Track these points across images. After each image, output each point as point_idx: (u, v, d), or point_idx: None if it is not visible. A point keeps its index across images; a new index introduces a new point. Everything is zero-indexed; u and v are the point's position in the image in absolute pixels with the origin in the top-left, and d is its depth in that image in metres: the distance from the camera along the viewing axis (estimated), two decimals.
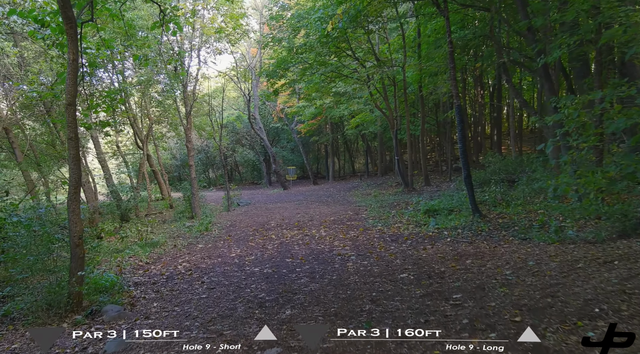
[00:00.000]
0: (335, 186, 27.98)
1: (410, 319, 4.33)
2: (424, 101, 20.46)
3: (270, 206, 18.34)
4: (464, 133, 9.58)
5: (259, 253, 8.62)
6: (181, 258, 8.71)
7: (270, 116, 34.45)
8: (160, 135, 24.53)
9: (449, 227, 9.24)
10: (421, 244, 8.13)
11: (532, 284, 4.87)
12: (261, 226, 12.53)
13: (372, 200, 16.77)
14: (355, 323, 4.38)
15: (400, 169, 19.07)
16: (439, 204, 11.75)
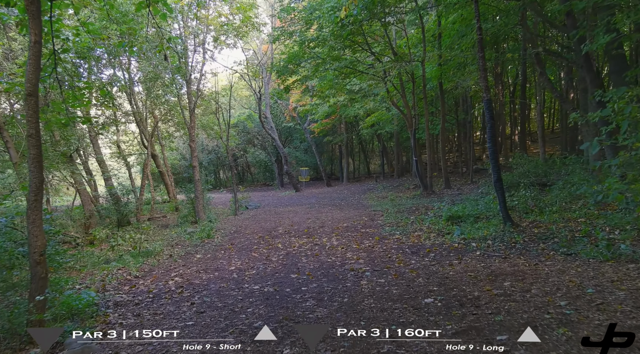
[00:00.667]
0: (350, 188, 27.00)
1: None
2: (444, 99, 19.37)
3: (280, 210, 17.46)
4: (494, 131, 8.54)
5: (262, 266, 7.71)
6: (175, 271, 7.85)
7: (282, 115, 33.64)
8: (167, 135, 23.88)
9: (476, 238, 8.20)
10: (446, 258, 7.12)
11: (602, 324, 3.85)
12: (268, 232, 11.64)
13: (388, 204, 15.76)
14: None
15: (418, 171, 18.01)
16: (463, 210, 10.71)
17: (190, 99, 14.06)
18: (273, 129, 27.69)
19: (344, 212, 14.66)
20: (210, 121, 21.96)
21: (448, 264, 6.73)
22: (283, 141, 36.87)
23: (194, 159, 14.22)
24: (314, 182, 36.64)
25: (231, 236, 11.53)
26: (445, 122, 18.95)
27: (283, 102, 31.40)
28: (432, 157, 18.26)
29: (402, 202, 16.05)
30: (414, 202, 15.19)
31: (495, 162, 8.42)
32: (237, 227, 13.15)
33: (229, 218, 15.99)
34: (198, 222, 13.93)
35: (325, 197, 22.56)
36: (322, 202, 19.81)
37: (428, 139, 17.90)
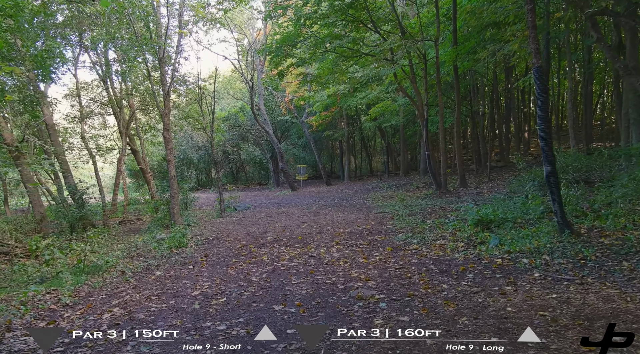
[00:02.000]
0: (351, 187, 25.09)
1: None
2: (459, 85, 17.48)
3: (272, 212, 15.54)
4: (546, 108, 6.61)
5: (236, 290, 5.80)
6: (119, 297, 5.94)
7: (278, 107, 31.71)
8: (149, 127, 21.95)
9: (526, 251, 6.27)
10: (493, 282, 5.22)
11: None
12: (253, 240, 9.73)
13: (397, 205, 13.86)
14: None
15: (430, 167, 16.10)
16: (494, 212, 8.79)
17: (164, 80, 12.14)
18: (267, 123, 25.75)
19: (346, 215, 12.76)
20: (194, 110, 20.02)
21: (499, 291, 4.82)
22: (279, 136, 34.96)
23: (169, 152, 12.31)
24: (312, 181, 34.73)
25: (208, 245, 9.61)
26: (460, 112, 17.03)
27: (278, 94, 29.47)
28: (445, 151, 16.35)
29: (414, 202, 14.15)
30: (427, 203, 13.28)
31: (548, 149, 6.49)
32: (219, 232, 11.23)
33: (213, 221, 14.08)
34: (173, 226, 12.02)
35: (325, 197, 20.65)
36: (321, 202, 17.90)
37: (442, 131, 15.98)
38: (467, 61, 17.11)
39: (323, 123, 28.38)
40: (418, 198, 15.69)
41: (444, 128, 16.08)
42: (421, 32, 15.54)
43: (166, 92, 12.12)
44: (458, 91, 16.72)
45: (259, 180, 39.13)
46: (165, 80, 12.20)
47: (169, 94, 12.28)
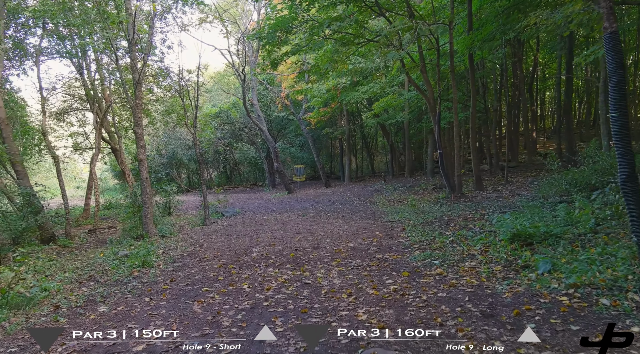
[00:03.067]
0: (353, 189, 23.49)
1: None
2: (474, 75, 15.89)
3: (264, 218, 13.94)
4: (622, 89, 4.96)
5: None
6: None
7: (273, 103, 30.09)
8: (130, 124, 20.32)
9: (598, 285, 4.65)
10: (569, 339, 3.62)
11: None
12: (236, 257, 8.12)
13: (408, 211, 12.27)
14: None
15: (443, 168, 14.49)
16: (533, 225, 7.19)
17: (135, 66, 10.52)
18: (261, 120, 24.13)
19: (348, 224, 11.15)
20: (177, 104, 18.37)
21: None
22: (275, 134, 33.34)
23: (140, 151, 10.68)
24: (310, 182, 33.13)
25: (180, 264, 7.98)
26: (475, 105, 15.43)
27: (274, 88, 27.86)
28: (460, 150, 14.74)
29: (426, 208, 12.55)
30: (442, 210, 11.68)
31: (625, 144, 4.87)
32: (197, 246, 9.62)
33: (195, 230, 12.48)
34: (145, 237, 10.41)
35: (324, 201, 19.06)
36: (320, 207, 16.31)
37: (456, 127, 14.36)
38: (484, 49, 15.57)
39: (322, 120, 26.77)
40: (429, 203, 14.09)
41: (458, 124, 14.46)
42: (433, 14, 13.95)
43: (137, 80, 10.50)
44: (473, 82, 15.14)
45: (254, 181, 37.51)
46: (136, 66, 10.58)
47: (141, 83, 10.66)
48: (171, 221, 15.26)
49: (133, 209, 11.40)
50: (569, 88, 18.04)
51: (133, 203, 11.31)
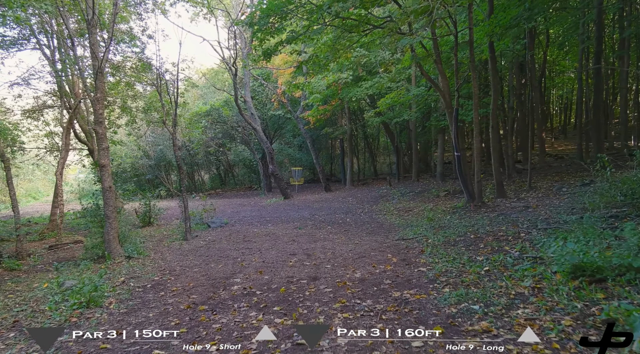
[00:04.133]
0: (355, 194, 21.83)
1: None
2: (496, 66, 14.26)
3: (254, 231, 12.28)
4: None
5: None
6: None
7: (269, 101, 28.42)
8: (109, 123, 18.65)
9: None
10: None
11: None
12: (212, 290, 6.46)
13: (423, 225, 10.63)
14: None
15: (461, 172, 12.83)
16: (602, 254, 5.56)
17: (95, 52, 8.86)
18: (255, 118, 22.44)
19: (353, 241, 9.49)
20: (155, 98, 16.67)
21: None
22: (271, 134, 31.69)
23: (102, 154, 8.97)
24: (309, 185, 31.50)
25: (139, 301, 6.30)
26: (497, 100, 13.83)
27: (269, 85, 26.19)
28: (480, 152, 13.07)
29: (443, 221, 10.92)
30: (465, 224, 10.02)
31: None
32: (167, 272, 7.94)
33: (172, 247, 10.82)
34: (107, 259, 8.74)
35: (324, 208, 17.42)
36: (319, 216, 14.67)
37: (477, 126, 12.68)
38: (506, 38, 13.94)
39: (321, 119, 25.11)
40: (445, 213, 12.45)
41: (479, 121, 12.79)
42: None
43: (97, 69, 8.84)
44: (495, 74, 13.52)
45: (249, 184, 35.83)
46: (97, 53, 8.92)
47: (102, 72, 8.97)
48: (149, 233, 13.62)
49: (94, 224, 9.72)
50: (598, 80, 16.35)
51: (94, 216, 9.61)
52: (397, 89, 20.32)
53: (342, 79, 20.33)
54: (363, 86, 21.01)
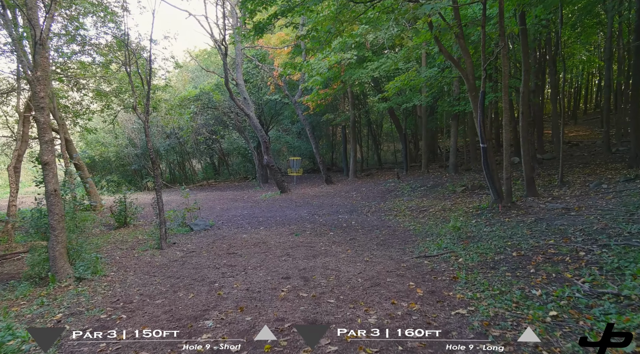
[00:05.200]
0: (359, 188, 20.07)
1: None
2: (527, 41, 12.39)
3: (242, 239, 10.53)
4: None
5: None
6: None
7: (265, 84, 26.49)
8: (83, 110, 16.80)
9: None
10: None
11: None
12: (169, 347, 4.72)
13: (446, 233, 8.88)
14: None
15: (488, 167, 11.03)
16: None
17: (34, 19, 7.03)
18: (248, 103, 20.54)
19: (362, 257, 7.73)
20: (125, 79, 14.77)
21: None
22: (268, 120, 29.82)
23: (45, 149, 7.19)
24: (309, 176, 29.74)
25: None
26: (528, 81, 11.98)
27: (265, 67, 24.23)
28: (509, 142, 11.23)
29: (470, 226, 9.19)
30: (500, 235, 8.25)
31: None
32: (121, 304, 6.20)
33: (142, 258, 9.10)
34: (52, 282, 7.02)
35: (324, 205, 15.70)
36: (319, 217, 12.95)
37: (506, 111, 10.82)
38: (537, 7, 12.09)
39: (322, 104, 23.23)
40: (468, 215, 10.72)
41: (510, 105, 10.97)
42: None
43: (37, 40, 7.01)
44: (526, 50, 11.67)
45: (245, 174, 34.01)
46: (35, 19, 7.08)
47: (43, 45, 7.15)
48: (121, 238, 11.91)
49: (37, 236, 7.96)
50: (639, 59, 14.39)
51: (36, 226, 7.82)
52: (407, 70, 18.46)
53: (346, 59, 18.44)
54: (368, 68, 19.14)
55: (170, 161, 33.79)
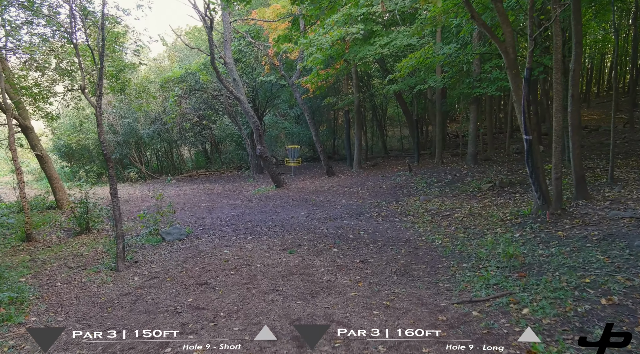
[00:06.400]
0: (366, 182, 17.99)
1: None
2: None
3: (221, 257, 8.45)
4: None
5: None
6: None
7: (259, 63, 24.19)
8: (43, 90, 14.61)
9: None
10: None
11: None
12: None
13: (488, 255, 6.79)
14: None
15: (532, 165, 8.89)
16: None
17: None
18: (238, 84, 18.28)
19: (380, 299, 5.63)
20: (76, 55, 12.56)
21: None
22: (263, 104, 27.61)
23: None
24: (308, 165, 27.64)
25: None
26: (581, 55, 9.81)
27: (259, 44, 21.92)
28: (561, 132, 9.07)
29: (518, 245, 7.08)
30: (567, 262, 6.16)
31: None
32: None
33: (87, 287, 7.06)
34: None
35: (326, 205, 13.66)
36: (320, 224, 10.89)
37: (557, 91, 8.68)
38: None
39: (323, 86, 21.00)
40: (508, 226, 8.68)
41: (563, 86, 8.77)
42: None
43: None
44: (578, 14, 9.43)
45: (239, 162, 31.83)
46: None
47: None
48: (76, 250, 9.89)
49: None
50: None
51: None
52: (422, 47, 16.22)
53: (351, 34, 16.21)
54: (377, 44, 16.93)
55: (157, 148, 31.62)
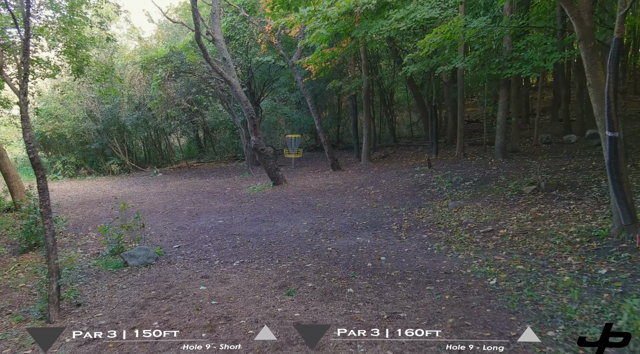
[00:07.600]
0: (378, 179, 15.83)
1: None
2: None
3: (196, 294, 6.30)
4: None
5: None
6: None
7: (254, 42, 21.86)
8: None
9: None
10: None
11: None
12: None
13: (580, 311, 4.63)
14: None
15: (616, 170, 6.73)
16: None
17: None
18: (229, 65, 15.96)
19: None
20: None
21: None
22: (260, 87, 25.34)
23: None
24: (310, 156, 25.48)
25: None
26: None
27: (255, 19, 19.56)
28: None
29: (614, 291, 4.95)
30: None
31: None
32: None
33: None
34: None
35: (332, 211, 11.54)
36: (327, 243, 8.76)
37: None
38: None
39: (327, 67, 18.69)
40: (581, 254, 6.56)
41: None
42: None
43: None
44: None
45: (235, 152, 29.61)
46: None
47: None
48: (3, 283, 7.81)
49: None
50: None
51: None
52: (446, 20, 13.95)
53: (362, 5, 13.87)
54: (392, 18, 14.61)
55: (143, 137, 29.39)
